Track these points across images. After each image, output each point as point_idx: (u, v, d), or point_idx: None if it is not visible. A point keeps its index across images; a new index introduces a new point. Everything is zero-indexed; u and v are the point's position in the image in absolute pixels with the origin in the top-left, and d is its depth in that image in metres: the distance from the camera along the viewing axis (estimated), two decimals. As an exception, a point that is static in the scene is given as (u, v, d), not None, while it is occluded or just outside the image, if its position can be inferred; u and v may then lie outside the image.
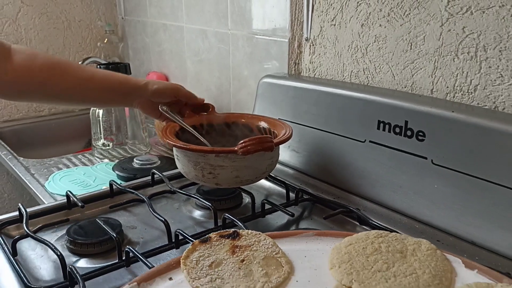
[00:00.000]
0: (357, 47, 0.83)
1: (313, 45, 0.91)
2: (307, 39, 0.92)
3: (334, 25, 0.86)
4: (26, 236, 0.66)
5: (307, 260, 0.55)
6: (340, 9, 0.84)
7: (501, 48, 0.64)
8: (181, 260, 0.53)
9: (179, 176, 0.84)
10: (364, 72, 0.83)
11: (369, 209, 0.75)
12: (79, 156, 1.12)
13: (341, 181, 0.81)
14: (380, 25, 0.78)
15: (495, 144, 0.61)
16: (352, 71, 0.85)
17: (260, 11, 1.01)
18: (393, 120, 0.73)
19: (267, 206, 0.75)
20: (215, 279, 0.50)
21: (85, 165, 1.06)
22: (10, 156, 1.10)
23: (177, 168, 0.79)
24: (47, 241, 0.63)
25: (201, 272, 0.51)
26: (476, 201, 0.63)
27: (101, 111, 1.09)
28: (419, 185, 0.70)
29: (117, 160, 1.06)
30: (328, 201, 0.77)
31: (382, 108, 0.74)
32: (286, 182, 0.81)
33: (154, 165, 0.98)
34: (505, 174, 0.60)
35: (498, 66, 0.65)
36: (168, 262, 0.54)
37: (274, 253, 0.54)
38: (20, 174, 1.00)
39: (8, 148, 1.16)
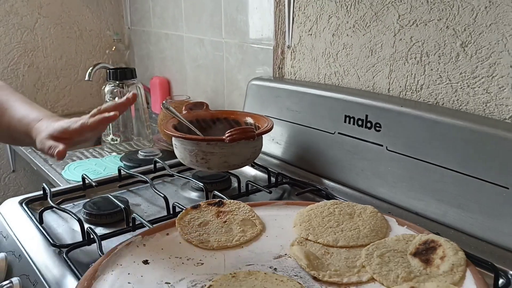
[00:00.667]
0: (329, 54, 0.97)
1: (293, 52, 1.06)
2: (288, 47, 1.06)
3: (311, 34, 1.00)
4: (50, 207, 0.80)
5: (277, 222, 0.69)
6: (315, 21, 0.98)
7: (439, 54, 0.78)
8: (176, 221, 0.67)
9: (178, 164, 0.98)
10: (335, 75, 0.97)
11: (336, 189, 0.89)
12: (90, 150, 1.26)
13: (314, 167, 0.95)
14: (347, 35, 0.92)
15: (436, 132, 0.75)
16: (325, 74, 0.99)
17: (250, 23, 1.15)
18: (356, 115, 0.87)
19: (251, 187, 0.89)
20: (203, 234, 0.65)
21: (96, 157, 1.21)
22: (29, 150, 1.25)
23: (176, 158, 0.94)
24: (68, 210, 0.78)
25: (192, 229, 0.65)
26: (419, 179, 0.77)
27: (110, 110, 1.24)
28: (376, 168, 0.84)
29: (123, 153, 1.20)
30: (302, 182, 0.91)
31: (348, 105, 0.88)
32: (268, 168, 0.96)
33: (157, 156, 1.12)
34: (443, 156, 0.74)
35: (438, 69, 0.79)
36: (166, 223, 0.68)
37: (250, 217, 0.68)
38: (39, 165, 1.15)
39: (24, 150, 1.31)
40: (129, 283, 0.54)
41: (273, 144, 1.05)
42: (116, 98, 1.27)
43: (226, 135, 0.84)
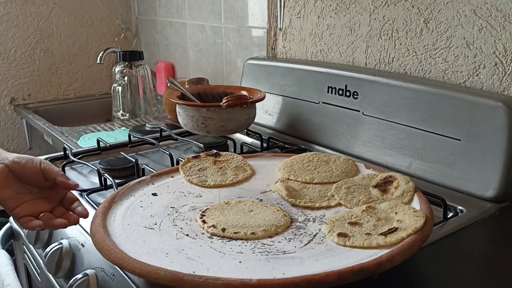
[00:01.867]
0: (316, 34, 1.10)
1: (284, 33, 1.18)
2: (280, 29, 1.19)
3: (299, 17, 1.13)
4: (71, 162, 0.93)
5: (265, 169, 0.81)
6: (303, 5, 1.11)
7: (407, 30, 0.90)
8: (179, 167, 0.80)
9: (181, 133, 1.11)
10: (321, 53, 1.10)
11: (319, 150, 1.01)
12: (102, 125, 1.39)
13: (301, 133, 1.07)
14: (331, 16, 1.05)
15: (404, 97, 0.87)
16: (312, 52, 1.12)
17: (246, 8, 1.28)
18: (337, 85, 0.99)
19: (245, 148, 1.02)
20: (201, 176, 0.77)
21: (107, 130, 1.34)
22: (47, 125, 1.38)
23: (179, 128, 1.06)
24: (86, 162, 0.90)
25: (193, 173, 0.78)
26: (389, 138, 0.89)
27: (120, 88, 1.37)
28: (354, 131, 0.96)
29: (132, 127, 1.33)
30: (290, 144, 1.03)
31: (331, 77, 1.01)
32: (261, 134, 1.08)
33: (163, 127, 1.24)
34: (409, 117, 0.86)
35: (405, 43, 0.91)
36: (171, 168, 0.80)
37: (242, 164, 0.81)
38: (57, 136, 1.27)
39: (44, 119, 1.44)
40: (141, 207, 0.67)
41: (266, 116, 1.17)
42: (125, 78, 1.40)
43: (223, 101, 0.96)
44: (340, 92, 0.98)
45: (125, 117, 1.38)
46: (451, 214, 0.73)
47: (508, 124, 0.73)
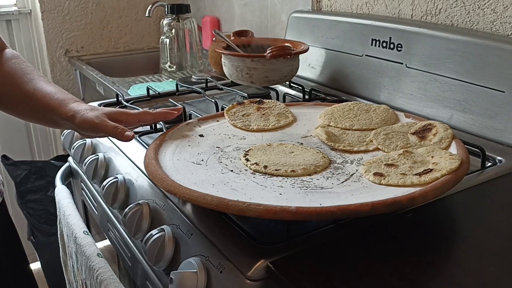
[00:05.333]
0: (362, -15, 1.09)
1: (330, -14, 1.18)
2: (326, -19, 1.18)
3: (346, -31, 1.12)
4: (124, 106, 0.99)
5: (306, 116, 0.84)
6: (351, -44, 1.10)
7: (456, -21, 0.89)
8: (224, 112, 0.84)
9: (226, 84, 1.15)
10: (366, 5, 1.09)
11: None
12: (150, 76, 1.45)
13: (344, 86, 1.09)
14: (378, -33, 1.04)
15: (449, 49, 0.87)
16: (357, 4, 1.11)
17: (292, -39, 1.27)
18: (381, 38, 0.99)
19: (287, 99, 1.04)
20: (245, 121, 0.81)
21: (155, 81, 1.39)
22: (100, 75, 1.45)
23: (224, 79, 1.10)
24: (136, 107, 0.96)
25: (237, 117, 0.82)
26: (431, 90, 0.90)
27: (167, 40, 1.41)
28: (396, 83, 0.97)
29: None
30: (332, 95, 1.05)
31: (375, 29, 1.01)
32: (303, 86, 1.10)
33: (209, 78, 1.29)
34: (453, 69, 0.86)
35: (454, -7, 0.90)
36: (216, 113, 0.85)
37: (284, 111, 0.84)
38: (108, 85, 1.34)
39: (97, 70, 1.51)
40: (189, 146, 0.72)
41: (309, 68, 1.19)
42: (173, 31, 1.44)
43: (267, 52, 0.99)
44: (384, 44, 0.99)
45: (172, 69, 1.43)
46: (489, 164, 0.74)
47: (555, 75, 0.72)
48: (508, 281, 0.48)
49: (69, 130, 1.00)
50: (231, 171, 0.63)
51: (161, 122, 0.88)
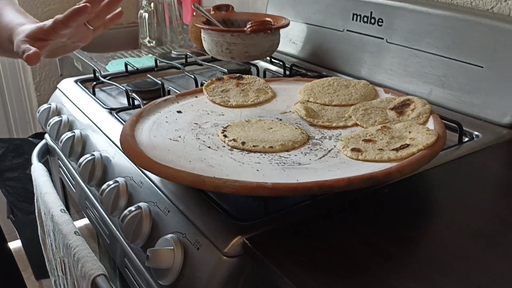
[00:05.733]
0: (343, -41, 1.07)
1: (312, -41, 1.15)
2: (307, -46, 1.16)
3: None
4: (101, 82, 0.97)
5: (286, 92, 0.83)
6: None
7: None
8: (203, 87, 0.82)
9: (206, 59, 1.13)
10: (348, -21, 1.07)
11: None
12: (129, 52, 1.42)
13: (325, 61, 1.08)
14: None
15: (429, 24, 0.86)
16: (339, -22, 1.09)
17: None
18: (362, 12, 0.98)
19: (268, 75, 1.03)
20: (224, 97, 0.80)
21: (134, 57, 1.37)
22: (77, 50, 1.41)
23: (204, 55, 1.08)
24: (115, 83, 0.94)
25: (216, 93, 0.81)
26: (411, 65, 0.90)
27: (146, 15, 1.38)
28: (377, 59, 0.96)
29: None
30: (313, 71, 1.05)
31: (356, 4, 1.00)
32: (284, 62, 1.09)
33: (188, 53, 1.26)
34: (433, 44, 0.86)
35: (435, -33, 0.89)
36: (195, 89, 0.83)
37: (264, 87, 0.83)
38: (86, 61, 1.31)
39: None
40: (167, 122, 0.71)
41: (290, 44, 1.17)
42: (152, 4, 1.41)
43: (247, 26, 0.97)
44: (365, 19, 0.98)
45: (151, 44, 1.40)
46: (466, 139, 0.74)
47: (532, 51, 0.72)
48: (480, 254, 0.48)
49: (45, 107, 0.98)
50: (209, 147, 0.63)
51: (139, 99, 0.87)
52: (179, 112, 0.75)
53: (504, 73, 0.76)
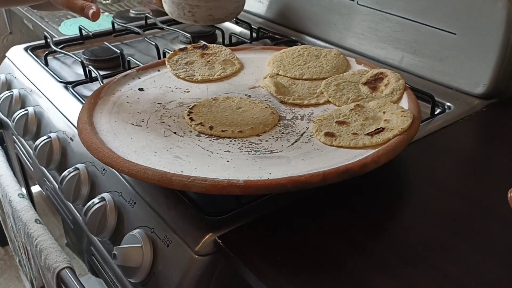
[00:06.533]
0: None
1: None
2: None
3: None
4: (53, 52, 0.90)
5: (253, 63, 0.79)
6: None
7: None
8: (166, 60, 0.77)
9: (168, 20, 1.06)
10: None
11: (311, 42, 0.98)
12: (84, 10, 1.32)
13: (293, 23, 1.03)
14: None
15: (400, -14, 0.82)
16: None
17: None
18: (332, -29, 0.93)
19: (234, 39, 0.98)
20: (189, 70, 0.75)
21: (89, 16, 1.27)
22: (25, 8, 1.30)
23: (166, 15, 1.01)
24: (70, 53, 0.87)
25: (179, 66, 0.76)
26: (383, 30, 0.86)
27: (100, -31, 1.27)
28: (347, 22, 0.92)
29: (115, 13, 1.26)
30: (281, 35, 1.00)
31: (326, -39, 0.94)
32: (250, 24, 1.03)
33: (148, 14, 1.18)
34: (405, 8, 0.82)
35: None
36: (157, 61, 0.78)
37: (231, 58, 0.79)
38: (36, 21, 1.21)
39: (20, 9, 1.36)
40: (128, 103, 0.66)
41: (256, 3, 1.11)
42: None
43: (211, -13, 0.90)
44: (335, -22, 0.93)
45: (107, 1, 1.30)
46: (438, 111, 0.73)
47: (506, 17, 0.70)
48: (454, 244, 0.48)
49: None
50: (175, 133, 0.59)
51: (96, 71, 0.81)
52: (140, 89, 0.70)
53: (477, 40, 0.74)
